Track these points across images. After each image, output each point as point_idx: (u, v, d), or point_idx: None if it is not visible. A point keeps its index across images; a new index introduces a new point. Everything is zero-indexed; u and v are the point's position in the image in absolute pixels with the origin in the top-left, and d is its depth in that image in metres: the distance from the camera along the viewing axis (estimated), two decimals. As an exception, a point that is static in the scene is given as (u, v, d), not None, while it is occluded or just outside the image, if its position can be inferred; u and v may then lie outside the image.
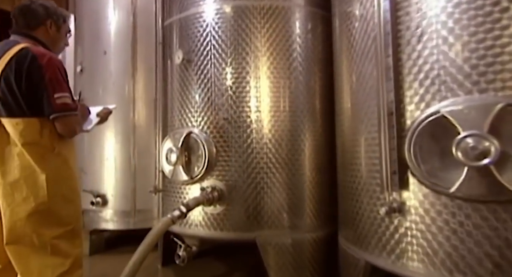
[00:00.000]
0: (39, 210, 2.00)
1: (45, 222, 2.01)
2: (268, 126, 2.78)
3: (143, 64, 3.94)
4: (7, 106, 2.02)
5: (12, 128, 1.99)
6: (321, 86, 2.97)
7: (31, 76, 1.97)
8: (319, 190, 2.87)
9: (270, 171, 2.74)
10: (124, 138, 3.90)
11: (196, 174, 2.80)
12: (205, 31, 2.90)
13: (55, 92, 1.99)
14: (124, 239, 4.07)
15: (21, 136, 1.98)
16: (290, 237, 2.73)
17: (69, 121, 2.05)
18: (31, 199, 1.99)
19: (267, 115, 2.79)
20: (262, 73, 2.81)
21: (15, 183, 2.00)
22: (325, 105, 2.97)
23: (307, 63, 2.91)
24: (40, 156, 2.00)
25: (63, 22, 2.30)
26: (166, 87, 3.21)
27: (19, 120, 1.99)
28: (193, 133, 2.84)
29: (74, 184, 2.15)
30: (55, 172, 2.04)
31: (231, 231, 2.74)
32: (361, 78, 2.21)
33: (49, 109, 1.99)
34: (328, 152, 2.94)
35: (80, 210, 2.19)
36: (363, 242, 2.17)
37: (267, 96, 2.81)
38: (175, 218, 2.34)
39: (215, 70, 2.84)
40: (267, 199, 2.73)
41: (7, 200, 2.01)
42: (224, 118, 2.78)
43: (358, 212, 2.25)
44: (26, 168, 1.99)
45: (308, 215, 2.81)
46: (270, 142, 2.77)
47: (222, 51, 2.83)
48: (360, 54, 2.21)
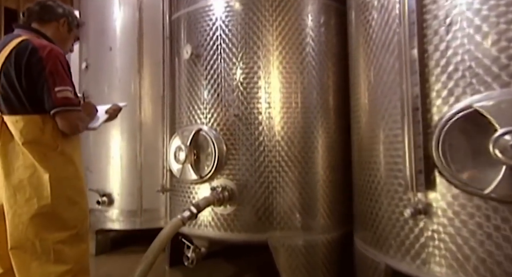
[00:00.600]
0: (43, 212, 1.87)
1: (48, 225, 1.87)
2: (280, 123, 2.64)
3: (150, 60, 3.81)
4: (8, 102, 1.90)
5: (13, 126, 1.88)
6: (335, 81, 2.82)
7: (31, 69, 1.85)
8: (332, 190, 2.73)
9: (283, 169, 2.61)
10: (130, 136, 3.77)
11: (206, 173, 2.66)
12: (214, 24, 2.76)
13: (56, 86, 1.85)
14: (130, 239, 3.96)
15: (21, 135, 1.86)
16: (303, 238, 2.60)
17: (71, 117, 1.91)
18: (34, 201, 1.86)
19: (279, 112, 2.65)
20: (274, 68, 2.67)
21: (18, 183, 1.88)
22: (339, 101, 2.82)
23: (320, 57, 2.77)
24: (42, 155, 1.88)
25: (76, 25, 2.23)
26: (173, 83, 3.07)
27: (19, 118, 1.88)
28: (203, 131, 2.71)
29: (80, 184, 2.02)
30: (58, 172, 1.91)
31: (242, 232, 2.61)
32: (381, 71, 2.06)
33: (50, 103, 1.85)
34: (342, 149, 2.80)
35: (87, 212, 2.05)
36: (384, 245, 2.03)
37: (279, 92, 2.67)
38: (185, 219, 2.21)
39: (225, 65, 2.70)
40: (279, 199, 2.59)
41: (9, 201, 1.89)
42: (235, 114, 2.65)
43: (377, 213, 2.12)
44: (29, 168, 1.87)
45: (322, 215, 2.68)
46: (282, 139, 2.63)
47: (232, 45, 2.69)
48: (380, 46, 2.07)
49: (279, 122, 2.64)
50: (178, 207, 2.94)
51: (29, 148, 1.86)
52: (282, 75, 2.67)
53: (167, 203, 3.19)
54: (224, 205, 2.60)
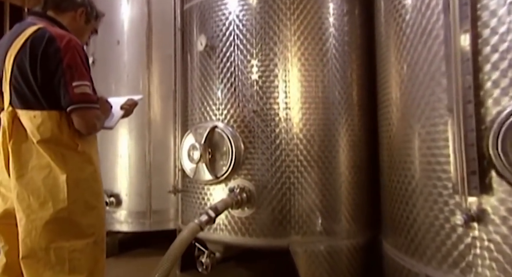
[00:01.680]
0: (58, 217, 1.63)
1: (64, 232, 1.64)
2: (302, 120, 2.40)
3: (159, 54, 3.58)
4: (23, 96, 1.67)
5: (29, 122, 1.65)
6: (360, 75, 2.58)
7: (48, 60, 1.63)
8: (357, 191, 2.49)
9: (305, 169, 2.37)
10: (138, 134, 3.54)
11: (222, 173, 2.43)
12: (230, 13, 2.52)
13: (74, 80, 1.63)
14: (139, 241, 3.74)
15: (38, 132, 1.63)
16: (327, 244, 2.36)
17: (89, 115, 1.69)
18: (49, 205, 1.63)
19: (300, 108, 2.41)
20: (293, 62, 2.42)
21: (32, 185, 1.65)
22: (364, 96, 2.58)
23: (343, 50, 2.52)
24: (60, 155, 1.66)
25: (95, 17, 2.00)
26: (186, 78, 2.84)
27: (37, 113, 1.64)
28: (218, 128, 2.47)
29: (98, 186, 1.79)
30: (76, 173, 1.68)
31: (261, 236, 2.37)
32: (420, 60, 1.82)
33: (66, 99, 1.64)
34: (368, 148, 2.56)
35: (104, 218, 1.82)
36: (424, 254, 1.79)
37: (298, 87, 2.42)
38: (203, 223, 1.98)
39: (242, 57, 2.47)
40: (301, 201, 2.35)
41: (22, 205, 1.65)
42: (254, 110, 2.41)
43: (415, 219, 1.88)
44: (44, 168, 1.65)
45: (346, 219, 2.43)
46: (304, 137, 2.39)
47: (249, 34, 2.46)
48: (419, 33, 1.82)
49: (300, 119, 2.40)
50: (191, 208, 2.71)
51: (45, 147, 1.64)
52: (302, 68, 2.43)
53: (179, 204, 2.95)
54: (242, 207, 2.36)
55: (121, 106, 1.99)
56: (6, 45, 1.72)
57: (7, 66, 1.69)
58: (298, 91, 2.42)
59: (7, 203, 1.76)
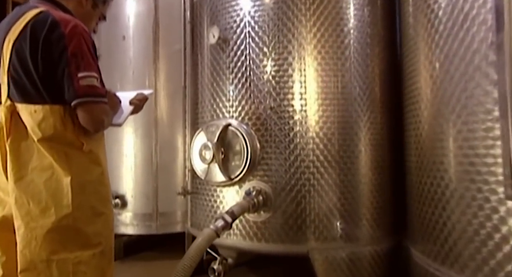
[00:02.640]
0: (61, 225, 1.43)
1: (67, 242, 1.44)
2: (323, 117, 2.20)
3: (166, 49, 3.36)
4: (22, 88, 1.47)
5: (29, 118, 1.45)
6: (383, 69, 2.37)
7: (51, 48, 1.43)
8: (380, 194, 2.28)
9: (326, 171, 2.17)
10: (145, 132, 3.33)
11: (236, 174, 2.22)
12: (244, 4, 2.32)
13: (79, 71, 1.42)
14: (145, 244, 3.53)
15: (39, 129, 1.43)
16: (349, 251, 2.15)
17: (96, 110, 1.48)
18: (51, 211, 1.43)
19: (318, 104, 2.21)
20: (311, 56, 2.22)
21: (32, 189, 1.45)
22: (388, 92, 2.38)
23: (365, 42, 2.32)
24: (63, 154, 1.46)
25: (103, 2, 1.75)
26: (196, 73, 2.63)
27: (38, 108, 1.44)
28: (232, 126, 2.27)
29: (106, 191, 1.58)
30: (82, 175, 1.48)
31: (278, 242, 2.17)
32: (461, 50, 1.62)
33: (71, 92, 1.43)
34: (392, 147, 2.36)
35: (112, 225, 1.61)
36: (466, 265, 1.59)
37: (317, 81, 2.22)
38: (219, 229, 1.77)
39: (258, 49, 2.26)
40: (322, 204, 2.15)
41: (20, 212, 1.45)
42: (271, 107, 2.21)
43: (454, 226, 1.68)
44: (46, 170, 1.45)
45: (369, 223, 2.23)
46: (325, 136, 2.19)
47: (264, 25, 2.25)
48: (460, 19, 1.62)
49: (320, 116, 2.20)
50: (201, 211, 2.51)
51: (47, 145, 1.44)
52: (322, 61, 2.23)
53: (188, 206, 2.75)
54: (258, 211, 2.16)
55: (130, 101, 1.78)
56: (5, 29, 1.51)
57: (5, 54, 1.48)
58: (317, 86, 2.22)
59: (5, 208, 1.54)
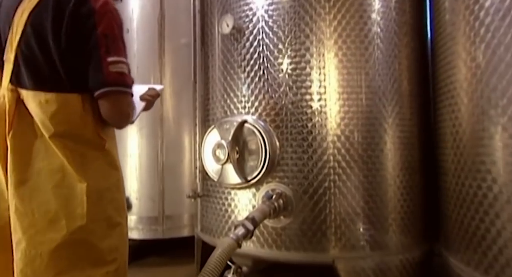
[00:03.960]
0: (73, 240, 1.19)
1: (78, 260, 1.20)
2: (349, 113, 1.97)
3: (172, 43, 3.14)
4: (34, 69, 1.20)
5: (39, 108, 1.19)
6: (413, 61, 2.15)
7: (78, 23, 1.18)
8: (411, 197, 2.06)
9: (352, 171, 1.94)
10: (150, 131, 3.10)
11: (253, 176, 2.00)
12: (260, -10, 2.10)
13: (109, 55, 1.18)
14: (150, 248, 3.30)
15: (51, 122, 1.18)
16: (378, 260, 1.93)
17: (124, 102, 1.25)
18: (62, 223, 1.18)
19: (337, 99, 1.99)
20: (330, 49, 2.00)
21: (38, 195, 1.19)
22: (417, 86, 2.16)
23: (391, 33, 2.09)
24: (79, 155, 1.21)
25: None
26: (207, 66, 2.40)
27: (51, 96, 1.18)
28: (248, 123, 2.04)
29: (122, 199, 1.36)
30: (100, 181, 1.24)
31: (300, 250, 1.94)
32: (509, 38, 1.40)
33: (99, 79, 1.19)
34: (422, 145, 2.13)
35: (127, 237, 1.37)
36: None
37: (337, 75, 2.00)
38: (240, 238, 1.54)
39: (276, 38, 2.04)
40: (348, 208, 1.93)
41: (22, 223, 1.19)
42: (292, 101, 1.98)
43: (499, 232, 1.48)
44: (56, 172, 1.20)
45: (398, 229, 2.01)
46: (351, 133, 1.96)
47: (282, 10, 2.03)
48: (496, 5, 1.40)
49: (346, 112, 1.98)
50: (213, 215, 2.28)
51: (60, 143, 1.19)
52: (341, 52, 2.01)
53: (198, 209, 2.52)
54: (278, 216, 1.94)
55: (141, 96, 1.53)
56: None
57: (17, 26, 1.20)
58: (339, 76, 2.00)
59: (1, 217, 1.26)
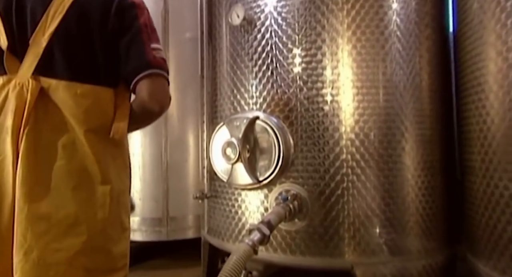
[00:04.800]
0: (93, 246, 1.08)
1: (95, 268, 1.09)
2: (368, 109, 1.84)
3: (176, 38, 3.00)
4: (73, 59, 1.12)
5: (73, 101, 1.09)
6: (434, 54, 2.01)
7: (123, 14, 1.15)
8: (433, 198, 1.92)
9: (372, 172, 1.81)
10: (153, 129, 2.96)
11: (266, 176, 1.86)
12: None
13: (152, 42, 1.15)
14: (153, 250, 3.17)
15: (88, 116, 1.09)
16: (400, 266, 1.80)
17: (167, 87, 1.19)
18: (82, 227, 1.07)
19: (356, 94, 1.85)
20: (346, 41, 1.86)
21: (57, 198, 1.06)
22: (438, 80, 2.02)
23: (411, 24, 1.95)
24: (109, 153, 1.14)
25: None
26: (214, 60, 2.27)
27: (87, 88, 1.10)
28: (260, 119, 1.91)
29: (128, 201, 1.27)
30: (119, 183, 1.16)
31: (316, 255, 1.81)
32: None
33: (143, 61, 1.12)
34: (444, 144, 2.00)
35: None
36: None
37: (354, 69, 1.87)
38: (256, 244, 1.41)
39: (290, 30, 1.90)
40: (367, 211, 1.80)
41: (35, 229, 1.04)
42: (307, 97, 1.85)
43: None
44: (76, 173, 1.09)
45: (419, 232, 1.87)
46: (370, 131, 1.83)
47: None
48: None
49: (366, 108, 1.84)
50: (222, 217, 2.14)
51: (95, 138, 1.10)
52: (362, 49, 1.87)
53: (205, 210, 2.38)
54: (292, 219, 1.80)
55: None
56: None
57: (55, 10, 1.11)
58: (354, 75, 1.87)
59: None
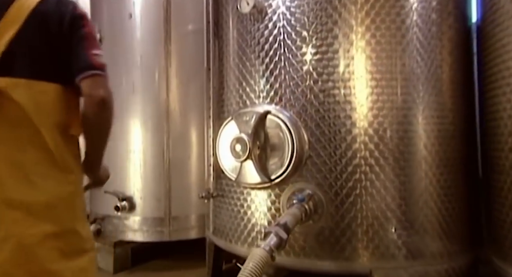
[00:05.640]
0: (67, 230, 1.22)
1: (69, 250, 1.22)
2: (387, 103, 1.71)
3: (179, 30, 2.86)
4: (35, 59, 1.22)
5: (31, 97, 1.17)
6: (456, 44, 1.88)
7: (74, 21, 1.28)
8: (453, 198, 1.79)
9: (392, 170, 1.68)
10: (155, 125, 2.83)
11: (278, 174, 1.73)
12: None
13: (94, 48, 1.29)
14: (155, 251, 3.04)
15: (46, 112, 1.20)
16: (422, 270, 1.68)
17: (108, 85, 1.29)
18: (54, 213, 1.19)
19: (375, 86, 1.72)
20: (359, 28, 1.73)
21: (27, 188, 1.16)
22: (460, 73, 1.89)
23: (432, 12, 1.82)
24: (68, 147, 1.27)
25: None
26: (221, 51, 2.13)
27: (47, 86, 1.21)
28: (271, 114, 1.77)
29: None
30: (80, 172, 1.34)
31: (332, 259, 1.68)
32: None
33: (86, 63, 1.25)
34: (466, 140, 1.87)
35: None
36: None
37: (370, 59, 1.73)
38: (274, 249, 1.28)
39: (305, 18, 1.76)
40: (387, 212, 1.67)
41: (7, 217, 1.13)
42: (322, 89, 1.71)
43: None
44: (46, 163, 1.20)
45: (440, 235, 1.74)
46: (390, 126, 1.70)
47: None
48: None
49: (385, 101, 1.71)
50: (229, 218, 2.01)
51: (54, 133, 1.22)
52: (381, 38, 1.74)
53: (210, 209, 2.25)
54: (307, 220, 1.67)
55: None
56: None
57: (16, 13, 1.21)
58: (370, 66, 1.73)
59: None
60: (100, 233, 2.84)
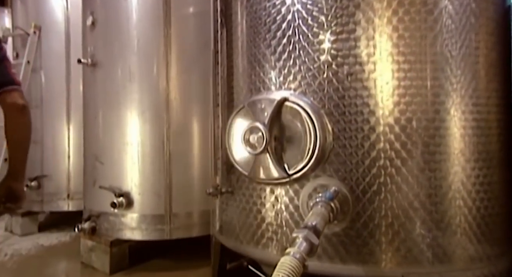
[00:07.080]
0: None
1: None
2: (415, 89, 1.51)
3: (179, 12, 2.65)
4: None
5: None
6: (496, 23, 1.68)
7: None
8: (488, 196, 1.60)
9: (421, 164, 1.49)
10: (154, 115, 2.62)
11: (298, 168, 1.53)
12: None
13: (11, 68, 1.70)
14: (154, 249, 2.85)
15: None
16: (458, 275, 1.49)
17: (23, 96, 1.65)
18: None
19: (404, 78, 1.52)
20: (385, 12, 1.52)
21: None
22: (498, 61, 1.69)
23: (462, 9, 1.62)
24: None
25: None
26: (230, 33, 1.90)
27: None
28: (289, 101, 1.56)
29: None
30: None
31: (359, 263, 1.48)
32: None
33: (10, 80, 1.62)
34: (504, 134, 1.68)
35: None
36: None
37: (391, 39, 1.53)
38: (305, 257, 1.08)
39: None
40: (422, 211, 1.48)
41: None
42: (350, 73, 1.51)
43: None
44: None
45: (479, 237, 1.56)
46: (424, 115, 1.50)
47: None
48: None
49: (407, 88, 1.51)
50: (240, 217, 1.81)
51: None
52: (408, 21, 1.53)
53: (217, 206, 2.05)
54: (333, 220, 1.47)
55: None
56: None
57: None
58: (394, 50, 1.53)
59: None
60: (95, 231, 2.63)
